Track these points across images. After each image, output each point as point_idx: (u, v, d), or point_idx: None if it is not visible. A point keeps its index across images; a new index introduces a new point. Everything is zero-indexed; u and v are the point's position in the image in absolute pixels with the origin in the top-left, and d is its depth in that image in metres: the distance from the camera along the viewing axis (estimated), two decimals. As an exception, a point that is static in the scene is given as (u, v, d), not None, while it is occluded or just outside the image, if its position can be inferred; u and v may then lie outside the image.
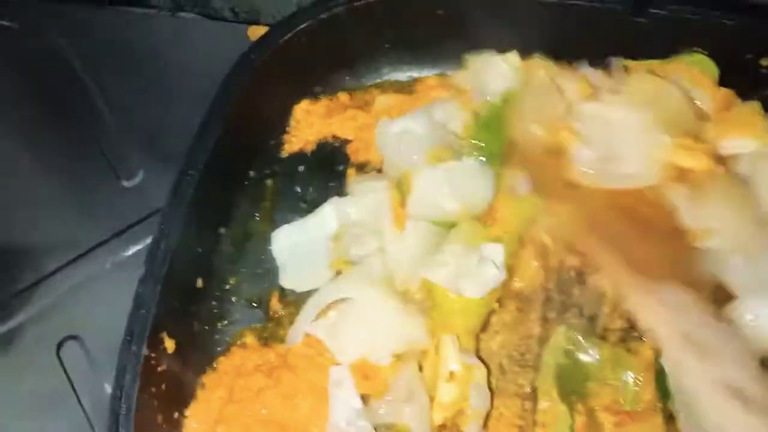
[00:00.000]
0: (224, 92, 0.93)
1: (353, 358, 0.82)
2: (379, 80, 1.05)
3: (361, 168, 0.99)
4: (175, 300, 0.85)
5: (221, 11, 1.19)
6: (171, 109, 1.10)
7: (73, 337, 1.01)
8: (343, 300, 0.85)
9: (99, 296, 1.04)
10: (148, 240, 0.96)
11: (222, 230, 0.96)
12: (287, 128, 1.02)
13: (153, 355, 0.80)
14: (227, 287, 0.94)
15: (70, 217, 1.09)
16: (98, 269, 1.05)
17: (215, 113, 0.92)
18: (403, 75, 1.05)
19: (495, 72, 0.95)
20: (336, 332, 0.84)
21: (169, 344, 0.83)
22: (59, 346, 1.01)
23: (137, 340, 0.79)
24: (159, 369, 0.82)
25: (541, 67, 0.94)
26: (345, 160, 1.00)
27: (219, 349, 0.90)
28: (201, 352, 0.89)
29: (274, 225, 0.95)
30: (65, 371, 1.00)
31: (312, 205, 0.94)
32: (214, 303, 0.93)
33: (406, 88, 1.03)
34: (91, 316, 1.03)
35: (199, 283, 0.91)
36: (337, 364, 0.82)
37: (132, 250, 1.06)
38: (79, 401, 0.98)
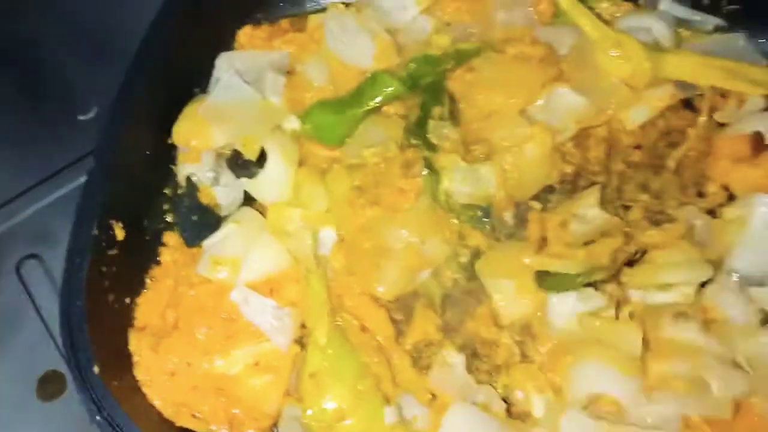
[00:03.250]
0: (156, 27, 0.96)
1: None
2: (316, 5, 1.11)
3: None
4: (124, 193, 0.90)
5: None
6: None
7: (33, 256, 1.06)
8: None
9: (56, 221, 1.08)
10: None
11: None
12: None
13: (103, 236, 0.85)
14: (180, 191, 0.98)
15: (28, 151, 1.14)
16: (55, 197, 1.10)
17: (150, 43, 0.95)
18: (338, -1, 1.11)
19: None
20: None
21: (119, 232, 0.88)
22: (18, 265, 1.05)
23: (87, 219, 0.83)
24: (109, 252, 0.86)
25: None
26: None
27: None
28: (148, 247, 0.93)
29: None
30: (25, 288, 1.04)
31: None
32: (165, 206, 0.97)
33: (341, 9, 1.09)
34: (50, 238, 1.07)
35: (148, 177, 0.95)
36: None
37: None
38: (39, 314, 1.03)
